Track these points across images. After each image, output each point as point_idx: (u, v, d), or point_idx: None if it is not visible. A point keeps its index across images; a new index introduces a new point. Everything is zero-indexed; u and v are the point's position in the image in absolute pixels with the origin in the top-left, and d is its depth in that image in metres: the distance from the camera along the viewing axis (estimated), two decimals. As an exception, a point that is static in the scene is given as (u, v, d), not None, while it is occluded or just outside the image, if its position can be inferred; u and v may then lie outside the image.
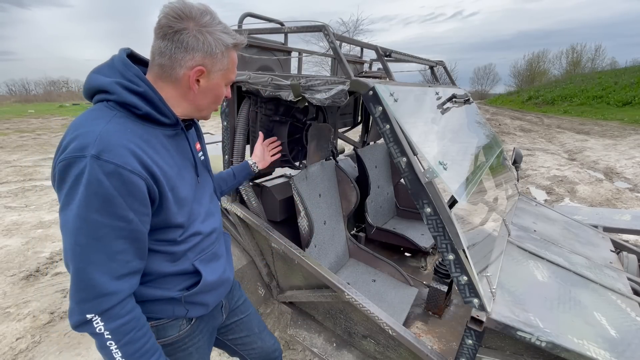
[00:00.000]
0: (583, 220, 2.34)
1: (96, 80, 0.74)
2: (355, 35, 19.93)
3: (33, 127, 11.54)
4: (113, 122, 0.71)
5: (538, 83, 34.06)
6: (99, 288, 0.70)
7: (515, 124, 14.30)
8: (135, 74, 0.75)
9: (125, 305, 0.74)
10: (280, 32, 1.65)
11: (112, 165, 0.66)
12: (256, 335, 1.22)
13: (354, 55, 2.95)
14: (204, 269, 0.91)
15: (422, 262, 2.49)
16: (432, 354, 1.32)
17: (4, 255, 3.07)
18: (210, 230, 0.96)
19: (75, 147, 0.66)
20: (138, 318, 0.77)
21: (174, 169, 0.82)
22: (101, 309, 0.71)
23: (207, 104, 0.86)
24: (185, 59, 0.75)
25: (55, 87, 33.44)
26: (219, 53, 0.78)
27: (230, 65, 0.83)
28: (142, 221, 0.74)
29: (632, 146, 8.99)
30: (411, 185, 1.19)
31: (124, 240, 0.71)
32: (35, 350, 2.00)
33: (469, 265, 1.15)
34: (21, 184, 5.20)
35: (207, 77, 0.80)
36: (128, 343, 0.74)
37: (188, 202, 0.86)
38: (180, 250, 0.86)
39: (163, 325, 0.90)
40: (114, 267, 0.71)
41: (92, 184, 0.65)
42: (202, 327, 1.01)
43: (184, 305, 0.90)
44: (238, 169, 1.37)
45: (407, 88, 1.46)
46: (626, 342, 1.12)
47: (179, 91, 0.80)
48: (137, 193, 0.70)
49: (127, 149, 0.69)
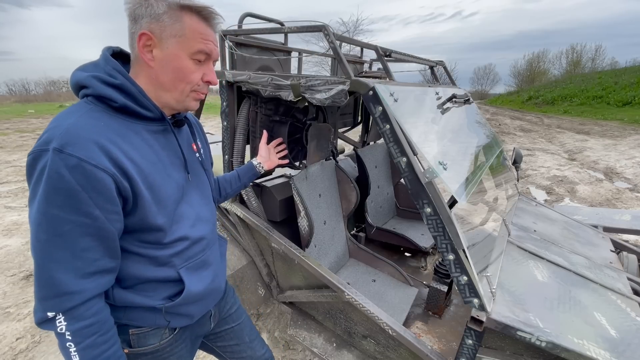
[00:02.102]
0: (583, 220, 2.34)
1: (76, 76, 0.74)
2: (355, 35, 19.93)
3: (33, 127, 11.53)
4: (86, 115, 0.69)
5: (538, 83, 34.07)
6: (61, 286, 0.67)
7: (515, 124, 14.30)
8: (113, 67, 0.73)
9: (91, 306, 0.71)
10: (280, 32, 1.65)
11: (74, 159, 0.63)
12: (246, 344, 1.18)
13: (354, 55, 2.95)
14: (189, 278, 0.86)
15: (422, 262, 2.49)
16: (432, 354, 1.32)
17: (4, 255, 3.07)
18: (200, 236, 0.90)
19: (42, 141, 0.65)
20: (103, 322, 0.73)
21: (156, 165, 0.78)
22: (63, 307, 0.68)
23: (171, 81, 0.77)
24: (135, 30, 0.72)
25: (55, 87, 33.40)
26: (164, 14, 0.71)
27: (186, 32, 0.73)
28: (110, 219, 0.70)
29: (632, 146, 8.99)
30: (411, 185, 1.19)
31: (90, 238, 0.68)
32: (35, 350, 2.00)
33: (469, 265, 1.15)
34: (21, 184, 5.20)
35: (159, 46, 0.73)
36: (88, 347, 0.71)
37: (171, 202, 0.82)
38: (164, 255, 0.82)
39: (144, 334, 0.87)
40: (78, 265, 0.68)
41: (52, 178, 0.63)
42: (186, 336, 0.97)
43: (165, 315, 0.86)
44: (243, 171, 1.31)
45: (407, 88, 1.46)
46: (626, 342, 1.13)
47: (144, 72, 0.76)
48: (102, 189, 0.67)
49: (94, 143, 0.66)
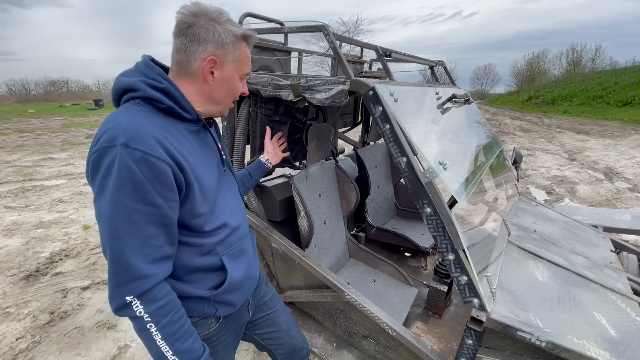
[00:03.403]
0: (583, 220, 2.34)
1: (123, 82, 0.80)
2: (355, 35, 19.93)
3: (33, 127, 11.54)
4: (140, 115, 0.76)
5: (538, 83, 34.04)
6: (136, 271, 0.72)
7: (515, 124, 14.30)
8: (158, 73, 0.81)
9: (162, 288, 0.77)
10: (280, 32, 1.65)
11: (139, 153, 0.69)
12: (284, 331, 1.24)
13: (354, 55, 2.95)
14: (230, 265, 0.94)
15: (422, 262, 2.49)
16: (432, 354, 1.32)
17: (4, 255, 3.07)
18: (238, 225, 0.98)
19: (106, 139, 0.70)
20: (174, 301, 0.80)
21: (198, 160, 0.85)
22: (139, 291, 0.73)
23: (223, 97, 0.89)
24: (198, 51, 0.80)
25: (55, 87, 33.47)
26: (230, 43, 0.81)
27: (242, 57, 0.86)
28: (171, 207, 0.76)
29: (632, 146, 8.99)
30: (411, 185, 1.19)
31: (154, 226, 0.74)
32: (35, 350, 2.00)
33: (469, 265, 1.15)
34: (21, 184, 5.20)
35: (220, 69, 0.83)
36: (167, 325, 0.77)
37: (212, 194, 0.89)
38: (209, 242, 0.89)
39: (193, 323, 0.93)
40: (147, 252, 0.74)
41: (123, 171, 0.69)
42: (229, 325, 1.04)
43: (213, 304, 0.92)
44: (253, 169, 1.38)
45: (407, 88, 1.46)
46: (626, 342, 1.13)
47: (196, 86, 0.85)
48: (164, 179, 0.73)
49: (153, 138, 0.72)
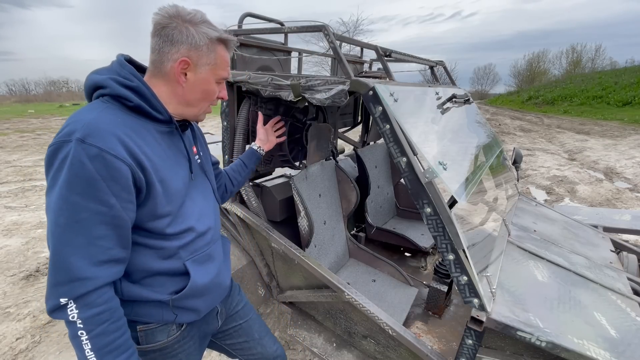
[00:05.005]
0: (583, 220, 2.34)
1: (92, 79, 0.79)
2: (355, 35, 19.93)
3: (33, 127, 11.53)
4: (105, 112, 0.74)
5: (538, 83, 34.02)
6: (75, 271, 0.68)
7: (515, 124, 14.29)
8: (129, 72, 0.79)
9: (102, 294, 0.72)
10: (280, 32, 1.65)
11: (95, 149, 0.67)
12: (256, 341, 1.19)
13: (354, 55, 2.95)
14: (194, 270, 0.88)
15: (422, 262, 2.49)
16: (432, 354, 1.32)
17: (4, 255, 3.07)
18: (205, 230, 0.93)
19: (64, 133, 0.69)
20: (114, 310, 0.74)
21: (165, 162, 0.82)
22: (76, 293, 0.69)
23: (197, 100, 0.87)
24: (171, 52, 0.79)
25: (55, 87, 33.46)
26: (204, 46, 0.80)
27: (218, 61, 0.84)
28: (125, 208, 0.73)
29: (632, 146, 8.98)
30: (411, 185, 1.19)
31: (105, 226, 0.71)
32: (35, 350, 2.00)
33: (469, 265, 1.15)
34: (21, 184, 5.20)
35: (193, 71, 0.82)
36: (99, 335, 0.71)
37: (179, 197, 0.85)
38: (172, 246, 0.84)
39: (152, 330, 0.88)
40: (92, 252, 0.70)
41: (75, 166, 0.66)
42: (194, 332, 0.99)
43: (172, 309, 0.87)
44: (246, 157, 1.37)
45: (407, 88, 1.46)
46: (626, 342, 1.13)
47: (169, 87, 0.83)
48: (120, 179, 0.70)
49: (113, 135, 0.70)
